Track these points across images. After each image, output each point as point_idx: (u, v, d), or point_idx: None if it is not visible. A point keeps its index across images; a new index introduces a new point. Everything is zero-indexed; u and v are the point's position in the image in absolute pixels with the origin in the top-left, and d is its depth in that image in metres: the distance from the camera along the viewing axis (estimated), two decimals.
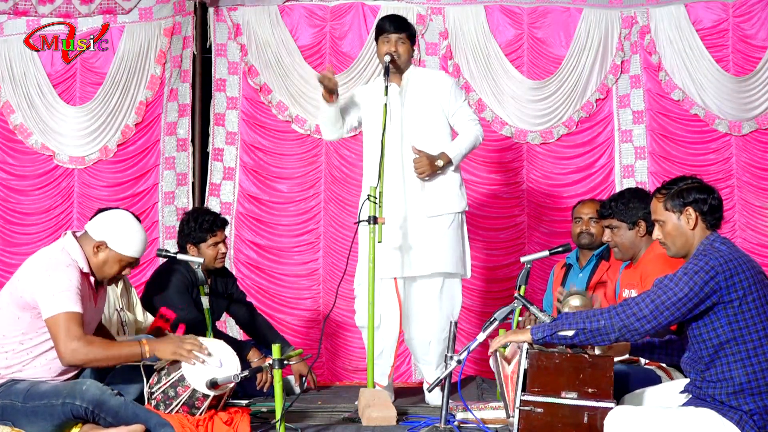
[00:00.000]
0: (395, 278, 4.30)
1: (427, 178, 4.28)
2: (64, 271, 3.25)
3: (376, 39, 4.43)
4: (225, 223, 4.53)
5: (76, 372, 3.39)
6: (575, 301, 3.72)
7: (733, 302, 2.84)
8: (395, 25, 4.38)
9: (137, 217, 3.56)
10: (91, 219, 3.54)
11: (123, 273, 3.46)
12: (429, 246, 4.28)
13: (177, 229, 5.77)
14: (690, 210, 3.00)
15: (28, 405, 3.18)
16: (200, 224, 4.40)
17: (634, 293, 3.77)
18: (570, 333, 2.95)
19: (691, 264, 2.88)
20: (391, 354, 4.38)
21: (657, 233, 3.09)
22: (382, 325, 4.30)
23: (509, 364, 3.32)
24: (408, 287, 4.36)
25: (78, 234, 3.42)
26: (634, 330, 2.88)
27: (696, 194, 3.00)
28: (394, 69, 4.31)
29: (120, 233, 3.37)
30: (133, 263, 3.45)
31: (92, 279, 3.40)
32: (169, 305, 4.06)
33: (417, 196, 4.30)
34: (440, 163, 4.26)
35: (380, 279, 4.17)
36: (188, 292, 4.32)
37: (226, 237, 4.52)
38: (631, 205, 3.89)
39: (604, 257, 4.36)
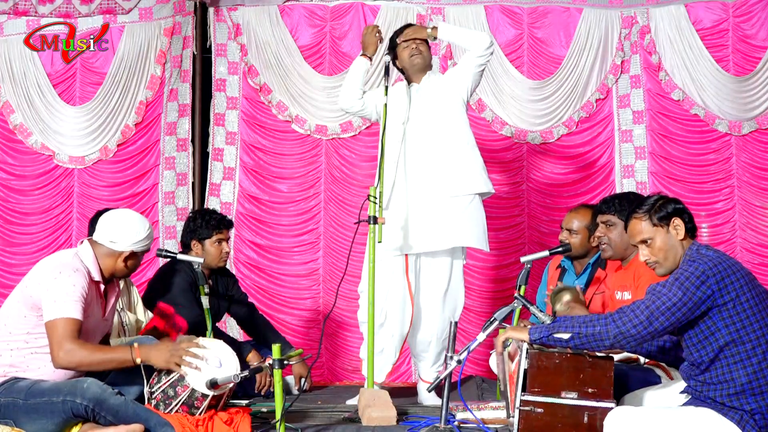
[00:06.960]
0: (408, 273, 4.36)
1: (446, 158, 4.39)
2: (70, 276, 3.28)
3: (399, 44, 4.50)
4: (231, 224, 4.67)
5: (80, 374, 3.39)
6: (566, 296, 3.76)
7: (728, 304, 2.86)
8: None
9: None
10: (96, 225, 3.53)
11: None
12: (449, 222, 4.34)
13: (177, 229, 5.85)
14: (677, 220, 3.03)
15: (29, 402, 3.19)
16: (207, 221, 4.50)
17: (627, 295, 3.80)
18: (566, 336, 2.97)
19: (681, 270, 2.92)
20: (393, 353, 4.43)
21: (644, 254, 3.08)
22: (386, 323, 4.37)
23: (512, 361, 3.32)
24: (417, 284, 4.41)
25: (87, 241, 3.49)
26: (630, 336, 2.91)
27: (674, 205, 3.06)
28: (421, 67, 4.50)
29: (139, 237, 3.46)
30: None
31: (102, 287, 3.44)
32: (173, 305, 4.12)
33: (437, 176, 4.35)
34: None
35: (394, 255, 4.31)
36: (191, 291, 4.36)
37: (229, 238, 4.61)
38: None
39: (600, 265, 4.34)
